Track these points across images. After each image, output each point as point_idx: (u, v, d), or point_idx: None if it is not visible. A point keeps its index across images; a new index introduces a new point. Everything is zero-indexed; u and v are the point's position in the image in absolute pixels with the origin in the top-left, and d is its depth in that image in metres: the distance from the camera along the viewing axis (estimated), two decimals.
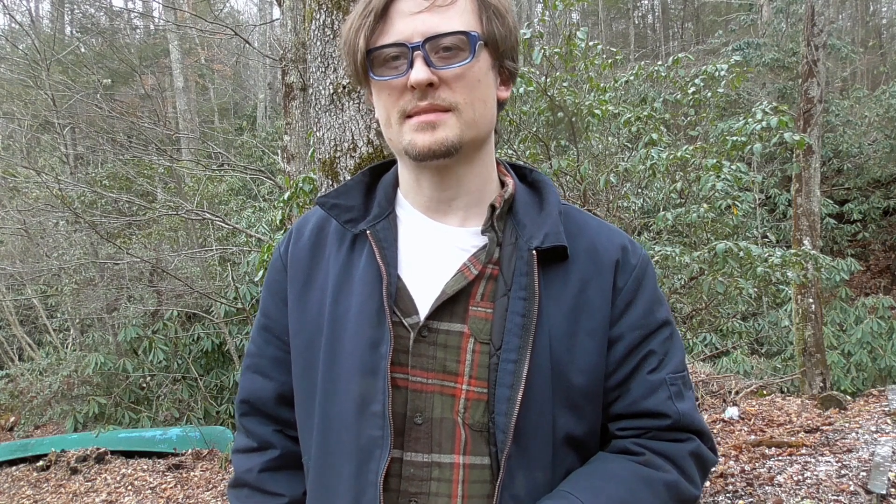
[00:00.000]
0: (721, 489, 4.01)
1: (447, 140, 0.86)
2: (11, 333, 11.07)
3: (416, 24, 0.84)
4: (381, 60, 0.86)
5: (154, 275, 9.87)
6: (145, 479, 6.35)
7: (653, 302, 0.95)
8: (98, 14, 19.98)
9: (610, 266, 0.93)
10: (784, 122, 3.97)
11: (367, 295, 0.90)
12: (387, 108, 0.89)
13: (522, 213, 0.94)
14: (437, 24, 0.84)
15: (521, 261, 0.90)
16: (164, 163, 9.35)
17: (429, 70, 0.83)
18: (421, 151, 0.86)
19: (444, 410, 0.88)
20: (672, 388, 0.91)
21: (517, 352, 0.86)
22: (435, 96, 0.85)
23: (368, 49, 0.86)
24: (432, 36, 0.83)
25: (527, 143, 4.63)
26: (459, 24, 0.85)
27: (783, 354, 9.70)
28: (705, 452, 0.94)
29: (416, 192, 0.96)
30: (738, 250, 3.69)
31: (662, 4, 26.03)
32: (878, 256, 14.11)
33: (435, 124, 0.85)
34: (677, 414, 0.90)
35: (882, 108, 13.90)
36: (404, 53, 0.84)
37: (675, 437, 0.91)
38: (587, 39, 4.25)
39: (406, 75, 0.84)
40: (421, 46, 0.83)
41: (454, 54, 0.85)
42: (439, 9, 0.84)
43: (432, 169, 0.91)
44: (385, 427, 0.86)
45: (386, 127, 0.91)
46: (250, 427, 1.04)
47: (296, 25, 5.96)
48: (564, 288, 0.91)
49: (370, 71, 0.87)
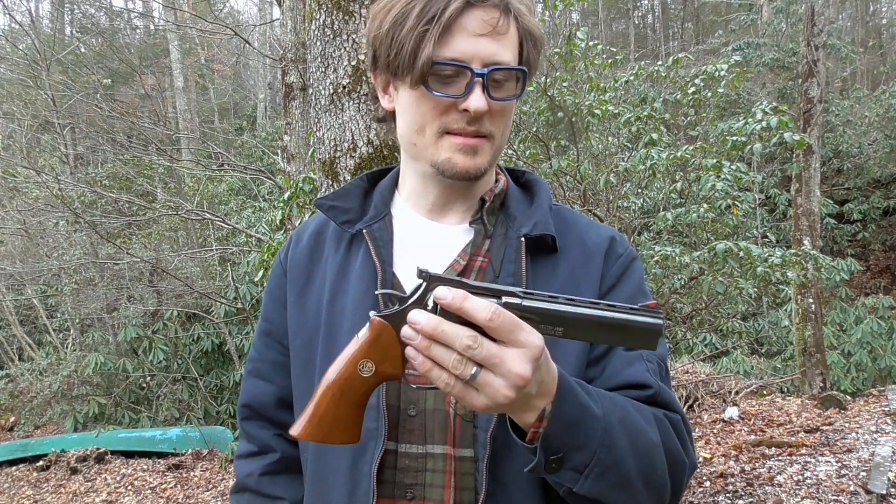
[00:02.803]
0: (721, 489, 4.01)
1: (482, 166, 0.90)
2: (11, 333, 11.07)
3: (478, 48, 0.85)
4: (437, 74, 0.86)
5: (154, 275, 9.87)
6: (145, 479, 6.35)
7: (638, 291, 0.96)
8: (98, 14, 19.98)
9: (599, 255, 0.96)
10: (784, 122, 3.97)
11: (363, 292, 0.93)
12: (424, 119, 0.89)
13: (514, 207, 0.98)
14: (496, 52, 0.85)
15: (510, 248, 0.93)
16: (164, 163, 9.35)
17: (486, 99, 0.85)
18: (458, 173, 0.90)
19: (436, 402, 0.89)
20: (649, 363, 0.91)
21: None
22: (482, 124, 0.88)
23: (435, 61, 0.84)
24: (496, 67, 0.85)
25: (527, 143, 4.63)
26: (512, 57, 0.88)
27: (783, 354, 9.71)
28: (685, 432, 0.91)
29: (420, 197, 0.99)
30: (738, 250, 3.69)
31: (662, 4, 26.03)
32: (878, 256, 14.11)
33: (476, 150, 0.89)
34: (658, 385, 0.89)
35: (882, 108, 13.90)
36: (465, 75, 0.85)
37: (655, 408, 0.89)
38: (587, 39, 4.26)
39: (464, 98, 0.85)
40: (485, 74, 0.85)
41: (504, 86, 0.88)
42: (499, 36, 0.86)
43: (448, 186, 0.95)
44: (379, 419, 0.87)
45: (417, 134, 0.91)
46: (251, 431, 1.05)
47: (296, 25, 5.97)
48: (552, 277, 0.93)
49: (425, 80, 0.85)
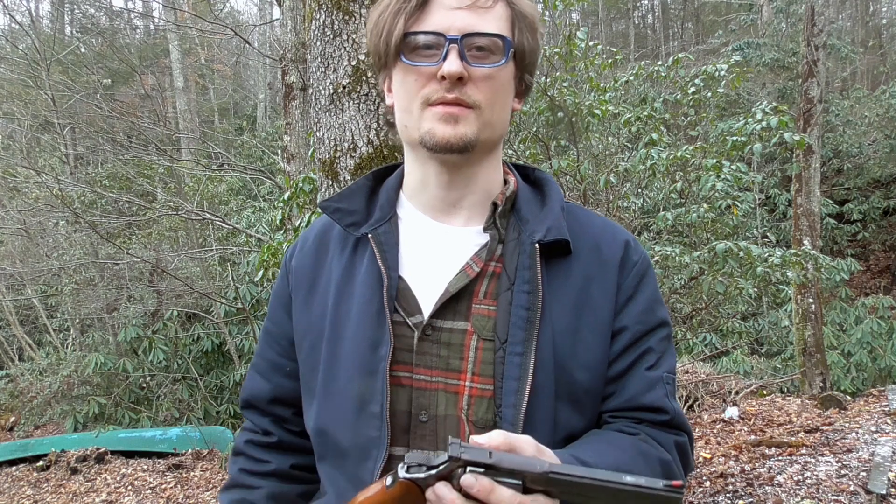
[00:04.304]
0: (721, 489, 4.01)
1: (466, 136, 0.87)
2: (11, 333, 11.07)
3: (454, 19, 0.86)
4: (414, 46, 0.87)
5: (154, 275, 9.87)
6: (145, 479, 6.35)
7: (653, 300, 0.96)
8: (98, 14, 19.98)
9: (614, 264, 0.94)
10: (784, 122, 3.97)
11: (368, 297, 0.92)
12: (409, 94, 0.89)
13: (525, 210, 0.95)
14: (475, 24, 0.86)
15: (524, 255, 0.90)
16: (164, 163, 9.35)
17: (462, 64, 0.85)
18: (439, 142, 0.87)
19: (448, 408, 0.88)
20: (668, 386, 0.92)
21: (523, 345, 0.86)
22: (462, 91, 0.86)
23: (406, 32, 0.86)
24: (470, 33, 0.85)
25: (527, 143, 4.63)
26: (496, 28, 0.87)
27: (783, 354, 9.71)
28: (689, 452, 0.95)
29: (422, 191, 0.97)
30: (738, 250, 3.69)
31: (662, 4, 26.03)
32: (878, 256, 14.11)
33: (458, 118, 0.87)
34: (674, 411, 0.92)
35: (882, 108, 13.89)
36: (440, 44, 0.85)
37: (667, 430, 0.93)
38: (587, 39, 4.26)
39: (438, 65, 0.85)
40: (458, 40, 0.85)
41: (487, 55, 0.87)
42: (479, 10, 0.86)
43: (441, 166, 0.93)
44: (382, 428, 0.87)
45: (405, 113, 0.91)
46: (251, 418, 1.09)
47: (296, 25, 5.97)
48: (567, 283, 0.92)
49: (402, 54, 0.88)
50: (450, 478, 0.70)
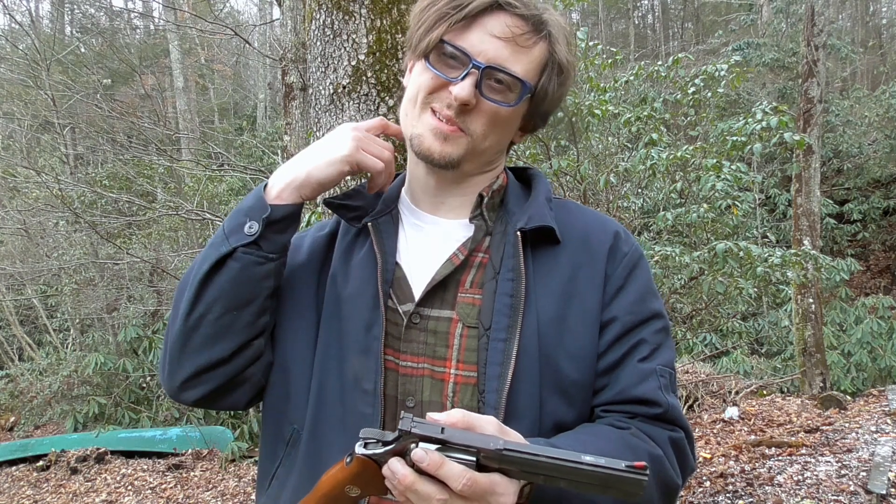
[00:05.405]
0: (721, 489, 4.01)
1: (450, 155, 0.91)
2: (11, 333, 11.06)
3: (488, 47, 0.88)
4: (441, 53, 0.90)
5: (154, 275, 9.87)
6: (145, 479, 6.35)
7: (646, 291, 0.96)
8: (98, 14, 19.98)
9: (602, 253, 0.95)
10: (784, 122, 3.96)
11: (365, 280, 0.94)
12: (418, 90, 0.93)
13: (512, 203, 0.99)
14: (505, 58, 0.88)
15: (509, 244, 0.93)
16: (164, 163, 9.34)
17: (474, 92, 0.88)
18: (423, 151, 0.92)
19: (433, 394, 0.90)
20: (662, 379, 0.91)
21: (506, 331, 0.87)
22: (462, 119, 0.90)
23: (442, 39, 0.89)
24: (495, 66, 0.88)
25: (527, 144, 4.63)
26: (522, 71, 0.89)
27: (783, 354, 9.71)
28: (687, 449, 0.92)
29: (415, 186, 1.01)
30: (738, 250, 3.69)
31: (662, 4, 26.03)
32: (878, 256, 14.11)
33: (448, 137, 0.90)
34: (667, 404, 0.90)
35: (882, 108, 13.90)
36: (464, 63, 0.88)
37: (662, 425, 0.91)
38: (587, 39, 4.26)
39: (454, 82, 0.88)
40: (481, 68, 0.87)
41: (503, 91, 0.90)
42: (517, 46, 0.89)
43: (428, 168, 0.96)
44: (376, 405, 0.88)
45: (410, 103, 0.95)
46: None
47: (296, 25, 5.97)
48: (554, 272, 0.92)
49: (430, 55, 0.90)
50: (404, 454, 0.70)
